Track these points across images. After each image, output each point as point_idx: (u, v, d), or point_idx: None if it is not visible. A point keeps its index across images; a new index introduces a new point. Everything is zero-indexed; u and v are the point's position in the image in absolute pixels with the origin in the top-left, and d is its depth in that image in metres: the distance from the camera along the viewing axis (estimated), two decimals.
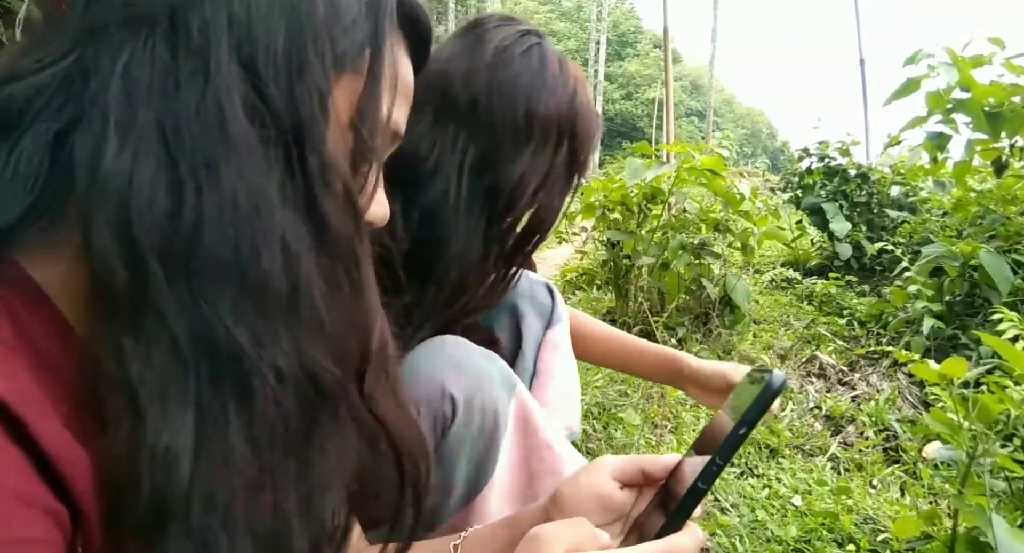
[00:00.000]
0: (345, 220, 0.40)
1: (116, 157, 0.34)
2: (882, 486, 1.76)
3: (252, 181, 0.36)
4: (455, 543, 0.60)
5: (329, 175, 0.39)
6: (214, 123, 0.36)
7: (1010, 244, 2.49)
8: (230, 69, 0.37)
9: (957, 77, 2.32)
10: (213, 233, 0.35)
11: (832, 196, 3.90)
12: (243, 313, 0.35)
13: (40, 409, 0.32)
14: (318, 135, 0.39)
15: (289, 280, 0.37)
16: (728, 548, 1.44)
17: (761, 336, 2.91)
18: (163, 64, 0.36)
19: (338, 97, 0.41)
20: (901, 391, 2.30)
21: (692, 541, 0.42)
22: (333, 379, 0.39)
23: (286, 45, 0.39)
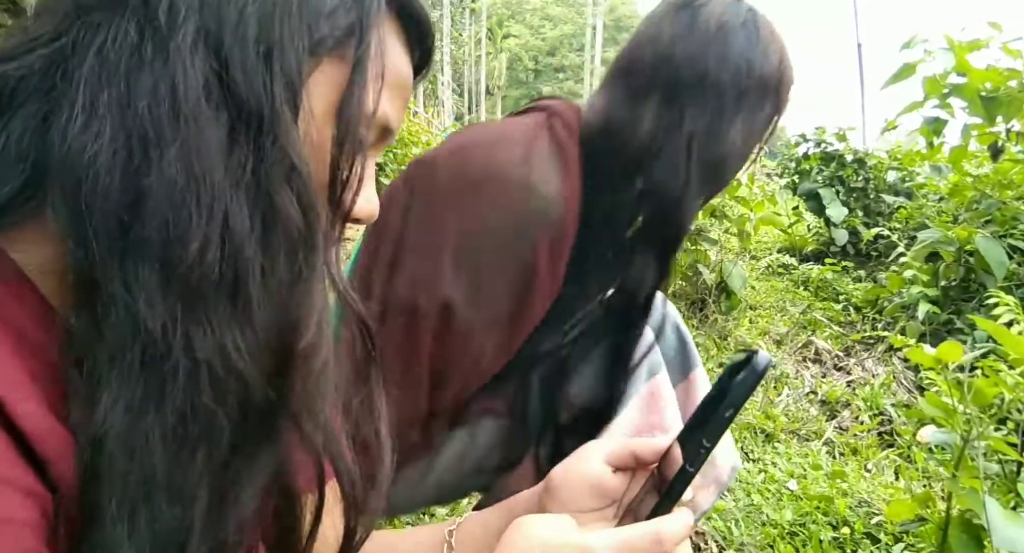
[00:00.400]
0: (298, 214, 0.38)
1: (79, 135, 0.34)
2: (877, 470, 1.77)
3: (198, 164, 0.35)
4: (450, 529, 0.60)
5: (288, 165, 0.38)
6: (167, 104, 0.35)
7: (1006, 229, 2.49)
8: (193, 51, 0.36)
9: (953, 62, 2.31)
10: (150, 213, 0.34)
11: (828, 182, 3.89)
12: (166, 299, 0.34)
13: (21, 391, 0.32)
14: (280, 124, 0.38)
15: (223, 269, 0.36)
16: (724, 532, 1.45)
17: (757, 322, 2.91)
18: (131, 44, 0.36)
19: (316, 85, 0.40)
20: (896, 376, 2.31)
21: (680, 524, 0.42)
22: (253, 378, 0.37)
23: (256, 29, 0.38)
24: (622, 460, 0.54)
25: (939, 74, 2.42)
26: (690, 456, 0.43)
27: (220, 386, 0.36)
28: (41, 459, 0.32)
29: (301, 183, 0.38)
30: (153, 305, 0.34)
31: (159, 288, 0.34)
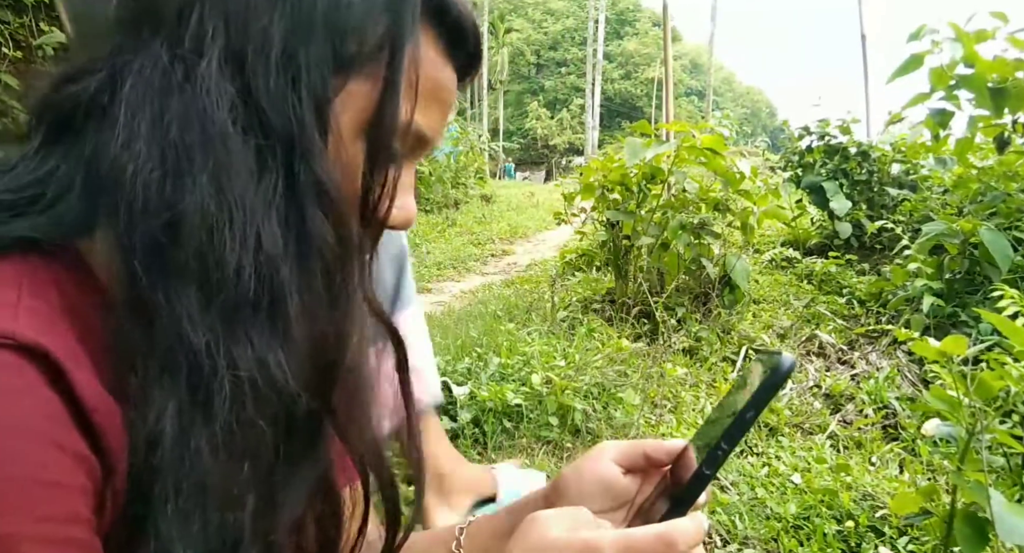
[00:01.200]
0: (331, 233, 0.39)
1: (120, 154, 0.36)
2: (881, 463, 1.77)
3: (230, 188, 0.36)
4: (461, 526, 0.61)
5: (318, 186, 0.38)
6: (197, 128, 0.36)
7: (1011, 221, 2.48)
8: (221, 72, 0.37)
9: (962, 52, 2.29)
10: (186, 236, 0.35)
11: (832, 175, 3.88)
12: (206, 317, 0.35)
13: (79, 361, 0.34)
14: (310, 144, 0.38)
15: (260, 288, 0.36)
16: (728, 526, 1.45)
17: (761, 315, 2.91)
18: (163, 67, 0.37)
19: (345, 102, 0.40)
20: (900, 369, 2.30)
21: (695, 527, 0.40)
22: (294, 394, 0.38)
23: (281, 48, 0.38)
24: (633, 461, 0.53)
25: (946, 65, 2.40)
26: (707, 458, 0.42)
27: (263, 401, 0.37)
28: (96, 429, 0.33)
29: (331, 203, 0.39)
30: (195, 323, 0.35)
31: (199, 307, 0.35)
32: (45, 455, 0.31)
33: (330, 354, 0.40)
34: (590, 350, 2.26)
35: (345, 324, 0.41)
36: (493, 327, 2.56)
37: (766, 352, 0.45)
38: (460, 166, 7.95)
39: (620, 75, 42.57)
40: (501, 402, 1.85)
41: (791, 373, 0.42)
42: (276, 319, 0.37)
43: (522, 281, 3.89)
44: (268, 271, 0.37)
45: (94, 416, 0.33)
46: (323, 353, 0.40)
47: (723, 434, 0.42)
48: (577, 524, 0.42)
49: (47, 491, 0.30)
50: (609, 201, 2.92)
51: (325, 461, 0.43)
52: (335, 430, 0.42)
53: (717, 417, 0.47)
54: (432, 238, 5.61)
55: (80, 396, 0.33)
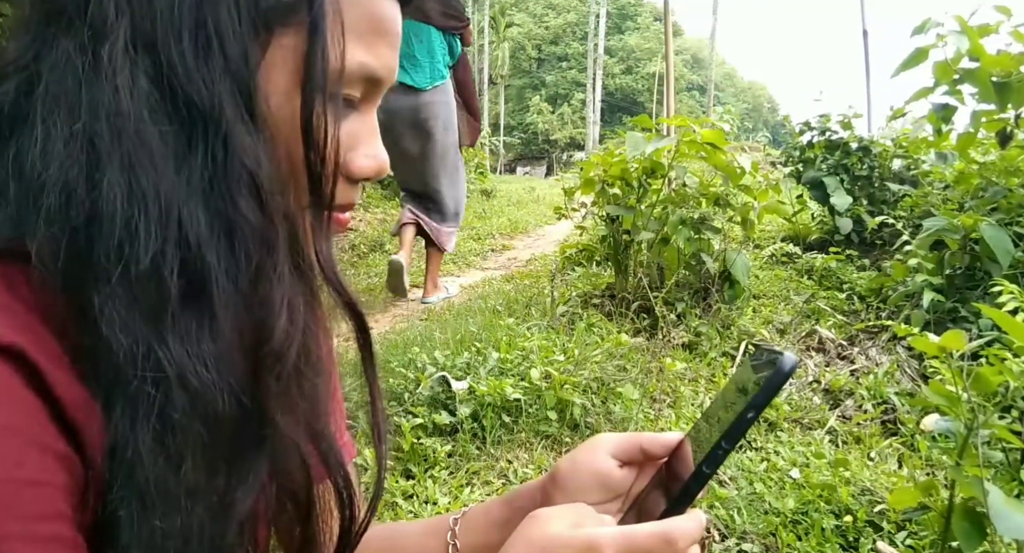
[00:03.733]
0: (257, 216, 0.37)
1: (36, 159, 0.34)
2: (880, 458, 1.77)
3: (144, 178, 0.34)
4: (455, 517, 0.61)
5: (241, 168, 0.36)
6: (110, 117, 0.34)
7: (1012, 216, 2.47)
8: (128, 56, 0.35)
9: (967, 45, 2.27)
10: (102, 232, 0.34)
11: (833, 170, 3.86)
12: (131, 316, 0.34)
13: (55, 359, 0.33)
14: (231, 120, 0.36)
15: (184, 279, 0.35)
16: (726, 520, 1.45)
17: (761, 311, 2.90)
18: (71, 59, 0.35)
19: (277, 59, 0.38)
20: (900, 365, 2.30)
21: (695, 524, 0.41)
22: (223, 388, 0.36)
23: (191, 18, 0.36)
24: (629, 454, 0.53)
25: (950, 59, 2.39)
26: (707, 457, 0.42)
27: (191, 399, 0.35)
28: (73, 426, 0.33)
29: (258, 180, 0.37)
30: (121, 323, 0.34)
31: (126, 305, 0.34)
32: (26, 454, 0.30)
33: (256, 340, 0.38)
34: (589, 345, 2.26)
35: (269, 308, 0.38)
36: (492, 322, 2.55)
37: (768, 350, 0.44)
38: None
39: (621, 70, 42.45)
40: (500, 397, 1.85)
41: (793, 373, 0.41)
42: (203, 310, 0.36)
43: (522, 276, 3.89)
44: (192, 260, 0.35)
45: (73, 414, 0.33)
46: (249, 340, 0.38)
47: (724, 433, 0.41)
48: (579, 520, 0.41)
49: (30, 490, 0.30)
50: (609, 196, 2.92)
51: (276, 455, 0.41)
52: (270, 423, 0.40)
53: (714, 412, 0.46)
54: None
55: (58, 394, 0.32)
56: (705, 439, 0.44)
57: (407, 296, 3.35)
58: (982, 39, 2.34)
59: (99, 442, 0.34)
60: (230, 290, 0.36)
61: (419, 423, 1.78)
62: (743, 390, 0.43)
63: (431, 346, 2.22)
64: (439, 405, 1.87)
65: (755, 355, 0.45)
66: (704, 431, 0.45)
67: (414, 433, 1.73)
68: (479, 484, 1.64)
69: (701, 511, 0.42)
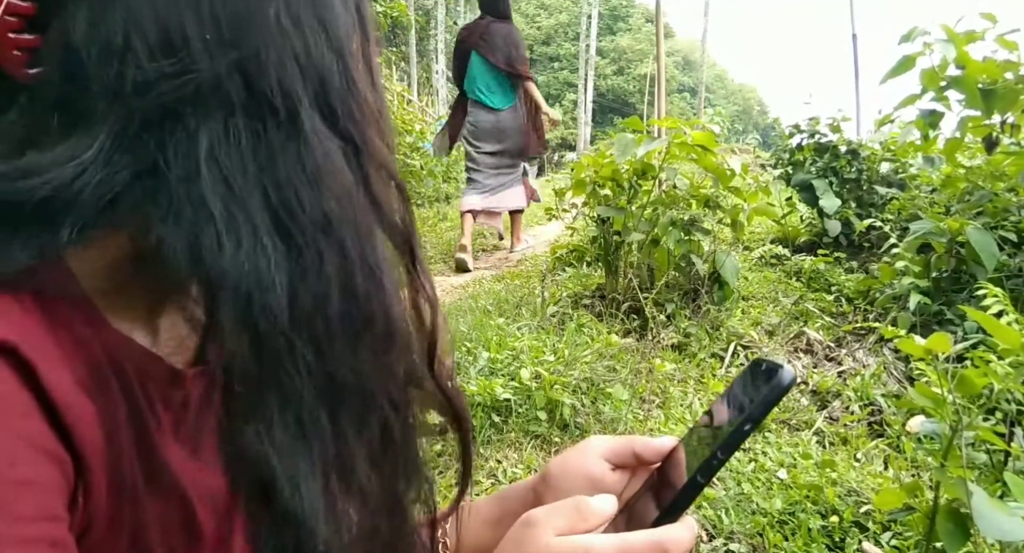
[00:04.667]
0: (404, 214, 0.41)
1: (235, 254, 0.33)
2: (866, 459, 1.79)
3: (360, 227, 0.37)
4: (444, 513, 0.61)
5: (385, 175, 0.40)
6: (322, 184, 0.35)
7: (997, 220, 2.50)
8: (317, 122, 0.36)
9: (954, 53, 2.30)
10: (339, 293, 0.36)
11: (822, 173, 3.89)
12: (371, 355, 0.38)
13: (50, 358, 0.33)
14: (373, 143, 0.39)
15: (391, 311, 0.39)
16: (714, 520, 1.46)
17: (750, 312, 2.92)
18: (253, 139, 0.34)
19: None
20: (887, 366, 2.32)
21: (687, 533, 0.41)
22: (424, 382, 0.43)
23: (339, 70, 0.38)
24: (622, 458, 0.53)
25: (937, 66, 2.41)
26: (702, 467, 0.42)
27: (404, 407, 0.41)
28: (66, 425, 0.33)
29: (397, 183, 0.41)
30: (360, 369, 0.37)
31: (362, 351, 0.37)
32: (20, 453, 0.30)
33: (429, 336, 0.44)
34: (579, 345, 2.26)
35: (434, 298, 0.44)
36: (483, 322, 2.55)
37: (768, 362, 0.44)
38: (451, 160, 7.93)
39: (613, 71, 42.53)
40: (490, 396, 1.85)
41: (791, 387, 0.41)
42: (399, 333, 0.40)
43: (512, 276, 3.89)
44: (395, 289, 0.39)
45: (67, 413, 0.33)
46: (424, 338, 0.44)
47: (720, 444, 0.41)
48: (572, 523, 0.41)
49: (22, 489, 0.30)
50: (600, 197, 2.92)
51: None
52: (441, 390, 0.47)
53: (710, 420, 0.46)
54: (423, 232, 5.59)
55: (51, 393, 0.32)
56: (699, 447, 0.44)
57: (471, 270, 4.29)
58: (968, 46, 2.37)
59: (95, 442, 0.34)
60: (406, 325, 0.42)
61: None
62: (741, 402, 0.43)
63: None
64: None
65: (755, 367, 0.45)
66: (699, 439, 0.45)
67: None
68: None
69: (693, 519, 0.43)
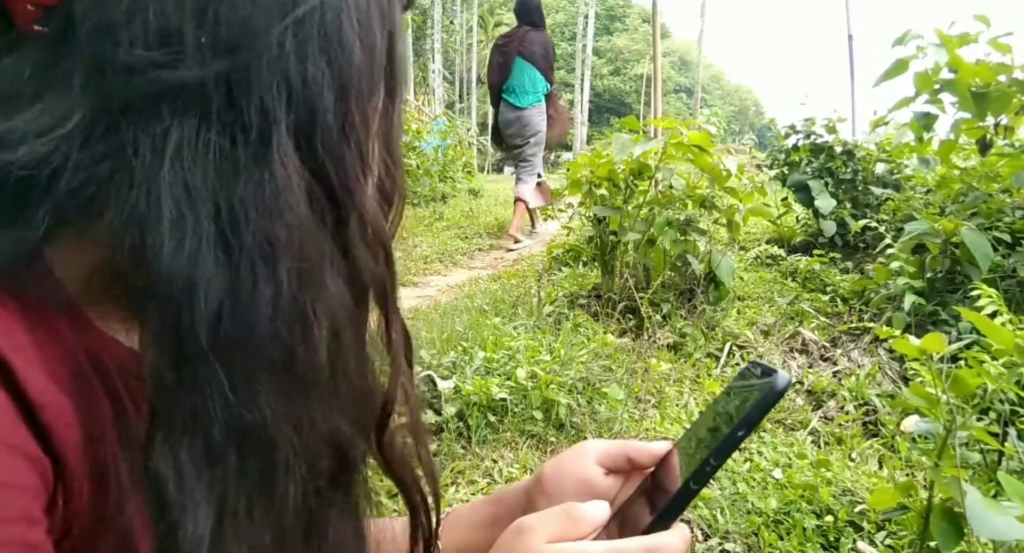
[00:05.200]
0: (387, 276, 0.39)
1: (174, 256, 0.32)
2: (861, 459, 1.79)
3: (307, 263, 0.35)
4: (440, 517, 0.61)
5: (372, 237, 0.38)
6: (275, 212, 0.34)
7: (991, 221, 2.51)
8: (288, 151, 0.34)
9: (946, 58, 2.31)
10: (266, 324, 0.34)
11: (818, 173, 3.90)
12: (286, 398, 0.35)
13: (30, 359, 0.32)
14: (360, 197, 0.37)
15: (330, 355, 0.36)
16: (709, 520, 1.46)
17: (745, 312, 2.93)
18: (220, 149, 0.33)
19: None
20: (881, 367, 2.33)
21: (680, 539, 0.41)
22: (356, 449, 0.39)
23: (335, 110, 0.36)
24: (616, 462, 0.53)
25: (930, 69, 2.43)
26: (695, 473, 0.41)
27: (330, 464, 0.38)
28: (45, 427, 0.32)
29: (384, 245, 0.39)
30: (274, 409, 0.35)
31: (280, 390, 0.35)
32: None
33: (382, 399, 0.42)
34: (575, 345, 2.26)
35: (397, 364, 0.42)
36: (479, 321, 2.55)
37: (763, 367, 0.44)
38: (448, 160, 7.91)
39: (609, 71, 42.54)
40: (486, 396, 1.85)
41: (786, 392, 0.41)
42: (341, 381, 0.38)
43: (509, 276, 3.89)
44: (338, 335, 0.37)
45: (44, 414, 0.32)
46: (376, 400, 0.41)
47: (713, 450, 0.41)
48: (564, 530, 0.41)
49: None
50: (596, 196, 2.93)
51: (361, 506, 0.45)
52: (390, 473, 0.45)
53: (704, 424, 0.46)
54: (419, 232, 5.59)
55: (29, 394, 0.32)
56: (693, 452, 0.44)
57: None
58: (961, 49, 2.38)
59: (73, 441, 0.33)
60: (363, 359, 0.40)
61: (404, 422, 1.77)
62: (736, 406, 0.43)
63: (417, 345, 2.21)
64: (424, 404, 1.86)
65: (750, 370, 0.45)
66: (693, 443, 0.45)
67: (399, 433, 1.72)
68: (464, 483, 1.64)
69: (685, 526, 0.43)
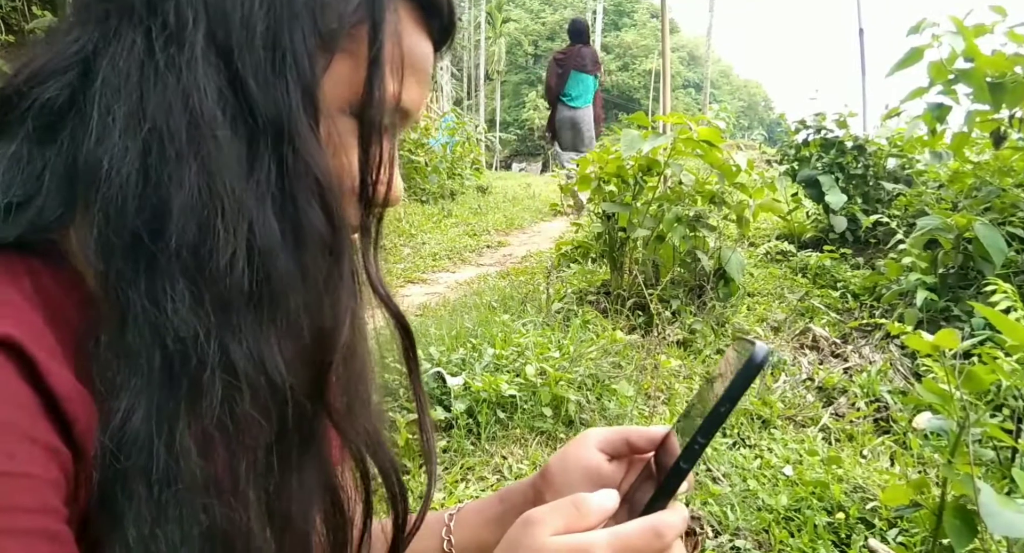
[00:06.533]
0: (324, 224, 0.38)
1: (94, 151, 0.35)
2: (872, 456, 1.78)
3: (220, 179, 0.35)
4: (450, 513, 0.61)
5: (310, 174, 0.38)
6: (185, 118, 0.35)
7: (1005, 216, 2.49)
8: (205, 60, 0.36)
9: (963, 46, 2.28)
10: (175, 229, 0.34)
11: (828, 168, 3.87)
12: (198, 311, 0.35)
13: (50, 350, 0.33)
14: (300, 130, 0.37)
15: (255, 281, 0.36)
16: (720, 517, 1.46)
17: (755, 309, 2.91)
18: (140, 55, 0.36)
19: (331, 81, 0.40)
20: (893, 363, 2.31)
21: (677, 518, 0.41)
22: (291, 387, 0.37)
23: (265, 30, 0.37)
24: (616, 448, 0.54)
25: (945, 59, 2.39)
26: (684, 452, 0.42)
27: (259, 395, 0.36)
28: (67, 419, 0.33)
29: (325, 190, 0.39)
30: (184, 317, 0.34)
31: (190, 301, 0.35)
32: (17, 447, 0.30)
33: (325, 345, 0.39)
34: (585, 342, 2.26)
35: (342, 315, 0.40)
36: (488, 318, 2.56)
37: (743, 340, 0.44)
38: (456, 157, 7.91)
39: (618, 66, 42.38)
40: (495, 393, 1.85)
41: (765, 364, 0.41)
42: (273, 310, 0.37)
43: (517, 272, 3.89)
44: (264, 263, 0.36)
45: (66, 406, 0.33)
46: (318, 344, 0.39)
47: (699, 428, 0.42)
48: (570, 522, 0.41)
49: (19, 483, 0.30)
50: (605, 193, 2.92)
51: (327, 457, 0.43)
52: (332, 424, 0.41)
53: (696, 404, 0.46)
54: (428, 229, 5.59)
55: (52, 386, 0.32)
56: (688, 432, 0.44)
57: None
58: (977, 39, 2.35)
59: (93, 433, 0.34)
60: (298, 295, 0.37)
61: (414, 418, 1.78)
62: (720, 384, 0.43)
63: (426, 342, 2.22)
64: (434, 401, 1.87)
65: (735, 347, 0.45)
66: (688, 424, 0.46)
67: (409, 429, 1.73)
68: (474, 480, 1.64)
69: (683, 505, 0.43)
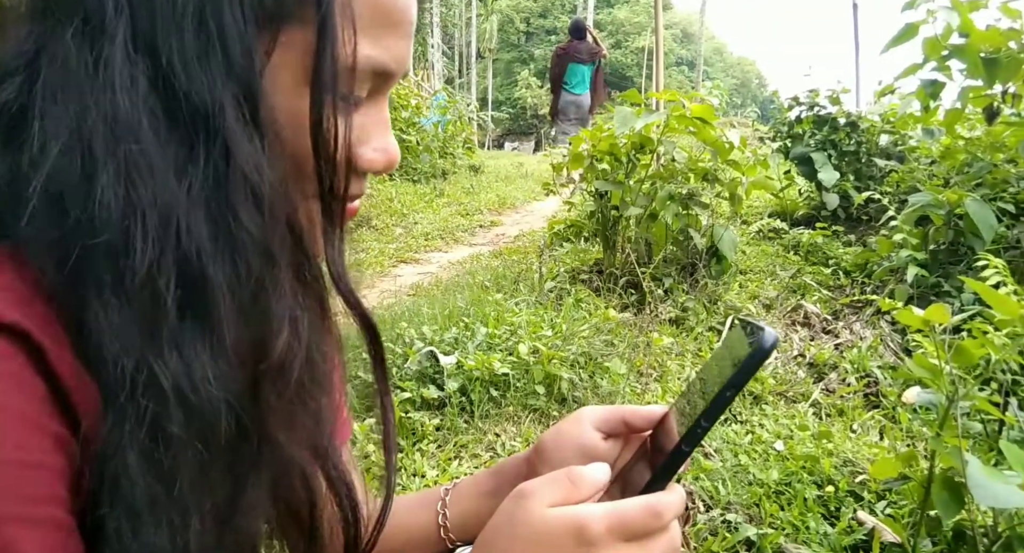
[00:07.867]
0: (258, 228, 0.36)
1: (32, 159, 0.33)
2: (862, 430, 1.80)
3: (142, 183, 0.33)
4: (446, 488, 0.61)
5: (241, 177, 0.35)
6: (101, 121, 0.33)
7: (996, 192, 2.49)
8: (126, 56, 0.34)
9: (958, 21, 2.26)
10: (101, 234, 0.33)
11: (821, 145, 3.86)
12: (125, 324, 0.33)
13: (56, 338, 0.33)
14: (230, 130, 0.35)
15: (183, 291, 0.34)
16: (711, 491, 1.47)
17: (747, 286, 2.92)
18: (69, 54, 0.34)
19: (284, 56, 0.37)
20: (883, 339, 2.33)
21: (676, 499, 0.41)
22: (223, 402, 0.35)
23: (192, 18, 0.34)
24: (613, 427, 0.54)
25: (940, 34, 2.37)
26: (687, 435, 0.42)
27: (188, 414, 0.34)
28: (74, 409, 0.32)
29: (260, 193, 0.36)
30: (114, 334, 0.33)
31: (119, 316, 0.33)
32: (27, 436, 0.30)
33: (257, 355, 0.37)
34: (577, 320, 2.27)
35: (272, 322, 0.37)
36: (481, 297, 2.55)
37: (751, 325, 0.43)
38: (448, 136, 7.85)
39: (610, 44, 41.94)
40: (488, 371, 1.85)
41: (773, 351, 0.40)
42: (202, 324, 0.34)
43: (510, 252, 3.88)
44: (191, 272, 0.34)
45: (74, 396, 0.32)
46: (251, 354, 0.37)
47: (703, 411, 0.41)
48: (566, 494, 0.41)
49: (29, 472, 0.30)
50: (598, 171, 2.90)
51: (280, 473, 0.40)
52: (270, 440, 0.38)
53: (697, 385, 0.46)
54: (420, 208, 5.56)
55: (59, 376, 0.32)
56: (688, 413, 0.44)
57: None
58: (972, 14, 2.33)
59: (97, 422, 0.33)
60: (230, 304, 0.35)
61: (407, 397, 1.79)
62: (725, 367, 0.43)
63: (419, 321, 2.22)
64: (427, 379, 1.87)
65: (739, 330, 0.45)
66: (688, 405, 0.45)
67: (402, 407, 1.73)
68: (467, 457, 1.65)
69: (681, 487, 0.43)
